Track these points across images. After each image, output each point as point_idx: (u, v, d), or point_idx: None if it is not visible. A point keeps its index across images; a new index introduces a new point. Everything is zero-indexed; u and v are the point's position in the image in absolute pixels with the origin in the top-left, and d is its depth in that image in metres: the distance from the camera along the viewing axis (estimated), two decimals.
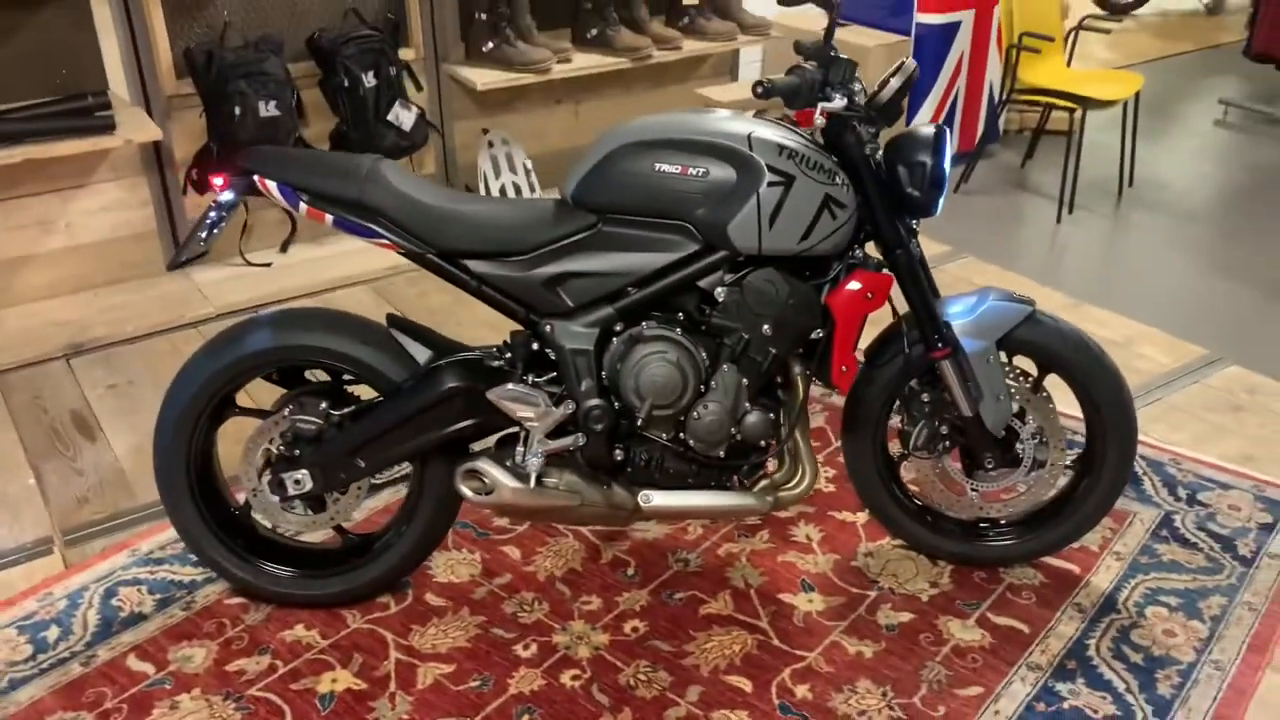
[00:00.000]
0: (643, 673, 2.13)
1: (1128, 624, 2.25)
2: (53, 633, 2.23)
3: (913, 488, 2.43)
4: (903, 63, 2.09)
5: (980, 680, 2.11)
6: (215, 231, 2.10)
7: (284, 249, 3.84)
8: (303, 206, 2.03)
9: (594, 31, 4.08)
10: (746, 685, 2.10)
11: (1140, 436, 2.32)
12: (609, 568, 2.41)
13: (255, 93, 3.43)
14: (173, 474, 2.16)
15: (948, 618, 2.27)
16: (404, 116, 3.79)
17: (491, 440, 2.21)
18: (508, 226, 2.07)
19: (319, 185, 2.03)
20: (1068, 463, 2.30)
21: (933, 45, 4.66)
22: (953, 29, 4.70)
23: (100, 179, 3.48)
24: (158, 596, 2.32)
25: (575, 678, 2.12)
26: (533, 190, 4.05)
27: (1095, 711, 2.04)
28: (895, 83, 2.07)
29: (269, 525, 2.27)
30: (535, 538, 2.49)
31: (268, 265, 3.75)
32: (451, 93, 4.03)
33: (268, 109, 3.47)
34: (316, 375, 2.22)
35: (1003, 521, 2.38)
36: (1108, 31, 4.61)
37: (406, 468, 2.26)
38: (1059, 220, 4.40)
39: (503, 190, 4.01)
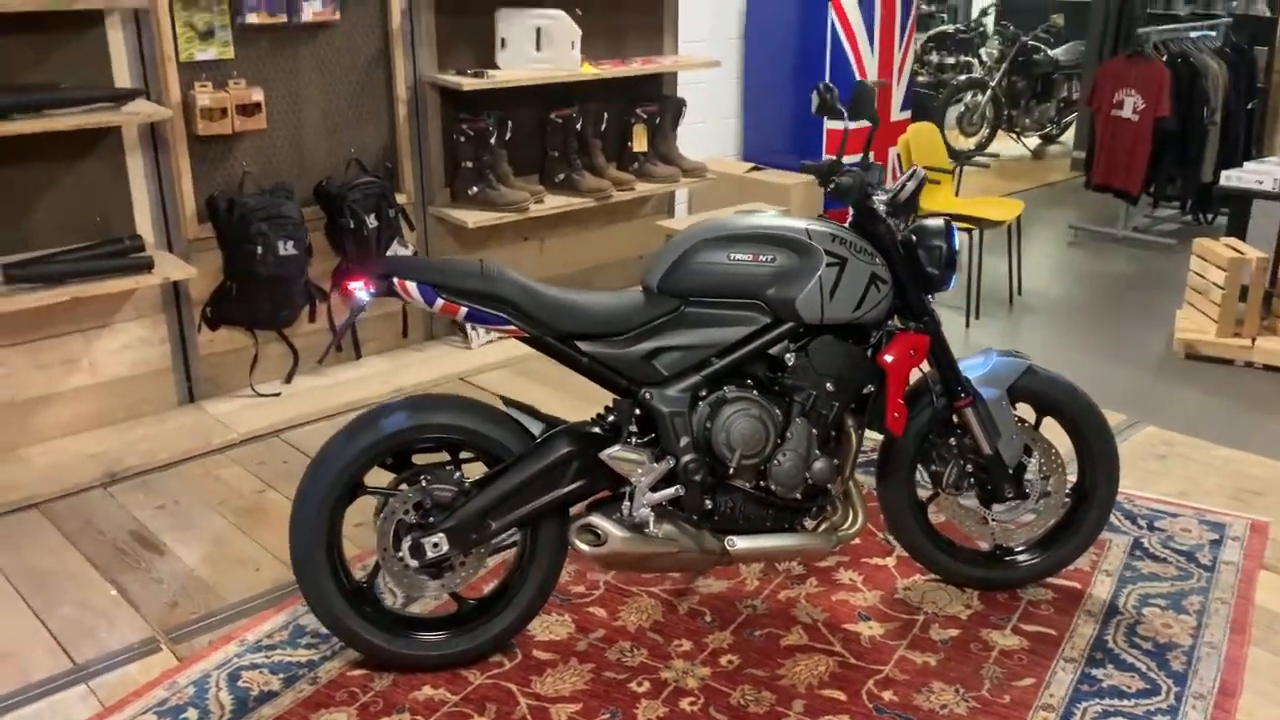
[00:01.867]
0: (749, 694, 2.42)
1: (1132, 622, 2.68)
2: (192, 714, 2.36)
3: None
4: (915, 170, 2.61)
5: (1030, 673, 2.49)
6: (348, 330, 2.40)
7: (289, 379, 4.05)
8: (439, 302, 2.35)
9: (561, 176, 4.56)
10: (841, 695, 2.41)
11: None
12: (688, 617, 2.70)
13: (275, 233, 3.72)
14: (313, 551, 2.37)
15: (988, 630, 2.65)
16: (402, 253, 4.12)
17: (582, 506, 2.51)
18: (610, 312, 2.45)
19: (454, 283, 2.36)
20: (1067, 491, 2.76)
21: None
22: None
23: (123, 318, 3.66)
24: (281, 676, 2.48)
25: (692, 703, 2.39)
26: None
27: (1129, 687, 2.44)
28: (911, 186, 2.57)
29: (396, 594, 2.48)
30: (615, 599, 2.77)
31: (277, 395, 3.95)
32: (436, 231, 4.40)
33: (286, 248, 3.76)
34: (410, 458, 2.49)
35: (1016, 548, 2.81)
36: (987, 166, 5.38)
37: (514, 537, 2.53)
38: (968, 325, 5.03)
39: None
